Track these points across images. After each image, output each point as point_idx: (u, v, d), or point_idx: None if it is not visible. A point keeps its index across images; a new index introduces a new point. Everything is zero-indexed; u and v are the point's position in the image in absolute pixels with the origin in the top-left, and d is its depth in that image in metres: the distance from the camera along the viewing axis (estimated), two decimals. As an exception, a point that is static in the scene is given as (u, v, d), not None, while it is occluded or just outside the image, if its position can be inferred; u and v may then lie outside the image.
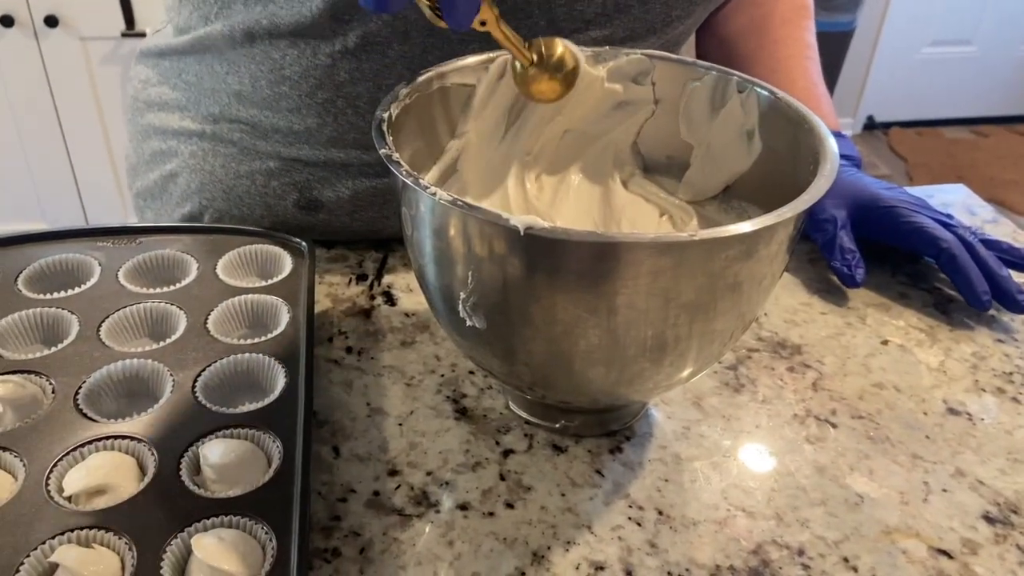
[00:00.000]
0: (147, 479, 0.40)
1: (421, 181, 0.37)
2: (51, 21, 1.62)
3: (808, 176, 0.39)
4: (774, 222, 0.35)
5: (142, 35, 1.64)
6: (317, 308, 0.56)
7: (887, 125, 2.95)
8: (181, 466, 0.40)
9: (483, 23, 0.41)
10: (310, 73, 0.54)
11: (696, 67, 0.48)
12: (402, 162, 0.38)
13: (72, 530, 0.37)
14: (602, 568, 0.40)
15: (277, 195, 0.59)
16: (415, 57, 0.53)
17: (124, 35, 1.65)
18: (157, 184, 0.64)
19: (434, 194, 0.36)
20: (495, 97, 0.49)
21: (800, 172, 0.41)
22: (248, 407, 0.44)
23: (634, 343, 0.39)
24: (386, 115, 0.42)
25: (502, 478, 0.44)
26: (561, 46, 0.46)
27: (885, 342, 0.55)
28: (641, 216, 0.50)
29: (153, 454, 0.41)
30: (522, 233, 0.34)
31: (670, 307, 0.37)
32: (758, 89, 0.45)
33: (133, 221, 0.66)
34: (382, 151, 0.39)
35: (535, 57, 0.45)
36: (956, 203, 0.71)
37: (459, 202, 0.35)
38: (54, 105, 1.71)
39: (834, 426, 0.49)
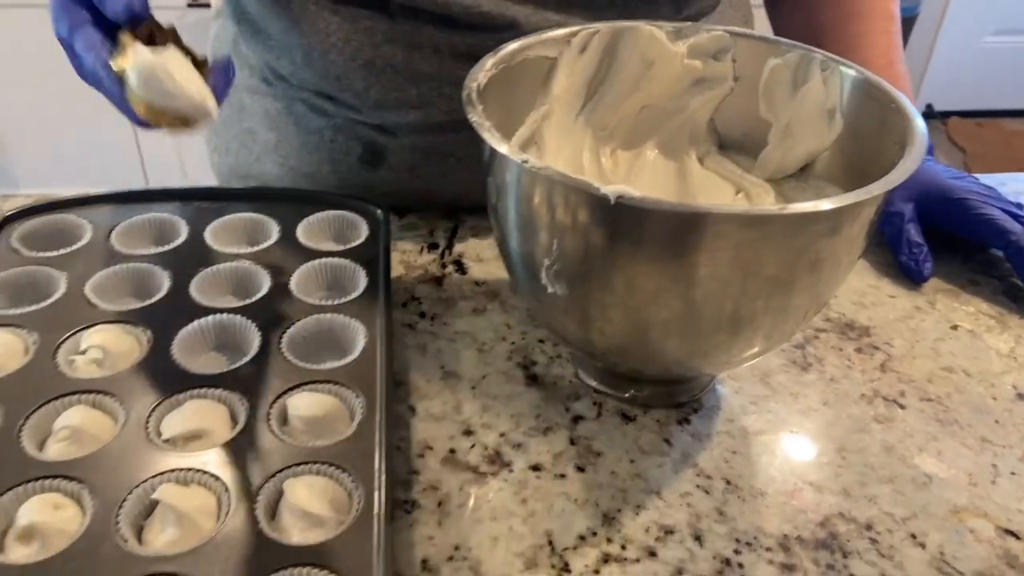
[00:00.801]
0: (239, 426, 0.42)
1: (511, 148, 0.38)
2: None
3: (893, 157, 0.39)
4: (864, 198, 0.35)
5: (207, 6, 1.67)
6: (391, 274, 0.57)
7: (946, 114, 2.88)
8: (270, 416, 0.42)
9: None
10: (351, 38, 0.56)
11: (778, 44, 0.48)
12: (493, 131, 0.39)
13: (172, 471, 0.39)
14: (671, 532, 0.41)
15: (343, 151, 0.62)
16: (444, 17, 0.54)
17: (190, 6, 1.69)
18: (236, 140, 0.67)
19: (525, 161, 0.37)
20: (575, 71, 0.50)
21: (885, 153, 0.41)
22: (332, 364, 0.45)
23: (711, 316, 0.40)
24: (475, 84, 0.43)
25: (572, 443, 0.46)
26: None
27: (955, 327, 0.55)
28: (717, 193, 0.51)
29: (244, 404, 0.43)
30: (612, 202, 0.35)
31: (750, 281, 0.38)
32: (843, 68, 0.46)
33: (202, 181, 0.68)
34: (472, 119, 0.40)
35: None
36: (1029, 192, 0.71)
37: (549, 170, 0.36)
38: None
39: (902, 407, 0.49)
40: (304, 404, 0.43)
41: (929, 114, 2.86)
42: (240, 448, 0.40)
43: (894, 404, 0.49)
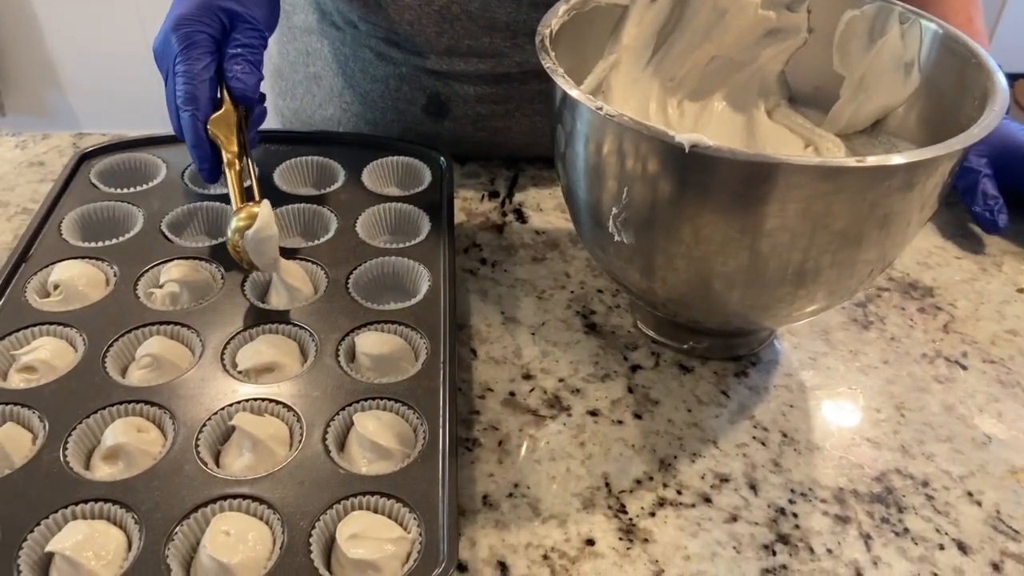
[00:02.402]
0: (309, 361, 0.43)
1: (585, 94, 0.38)
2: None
3: (972, 113, 0.39)
4: (942, 153, 0.35)
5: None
6: (454, 220, 0.58)
7: (1015, 76, 2.76)
8: (340, 352, 0.44)
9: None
10: None
11: (856, -4, 0.47)
12: (566, 76, 0.39)
13: (247, 400, 0.41)
14: (727, 480, 0.42)
15: (407, 100, 0.62)
16: None
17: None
18: (301, 85, 0.67)
19: (600, 108, 0.37)
20: (646, 19, 0.49)
21: (962, 109, 0.41)
22: (397, 305, 0.47)
23: (776, 268, 0.40)
24: (547, 31, 0.43)
25: (630, 391, 0.46)
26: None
27: (1021, 290, 0.54)
28: (785, 146, 0.50)
29: (314, 339, 0.44)
30: (687, 150, 0.35)
31: (819, 234, 0.38)
32: (923, 21, 0.44)
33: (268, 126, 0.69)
34: (546, 64, 0.40)
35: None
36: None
37: (623, 117, 0.37)
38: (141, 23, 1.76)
39: (964, 368, 0.49)
40: (371, 342, 0.44)
41: (998, 76, 2.75)
42: (310, 382, 0.42)
43: (956, 365, 0.49)
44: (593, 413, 0.45)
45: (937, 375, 0.48)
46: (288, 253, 0.49)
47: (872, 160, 0.34)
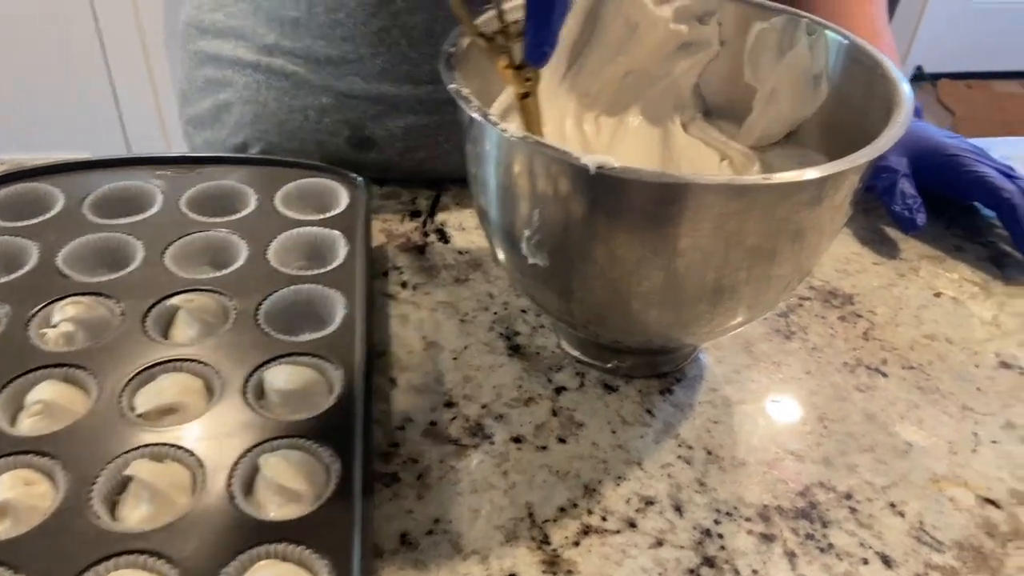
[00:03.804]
0: (215, 401, 0.41)
1: (491, 116, 0.37)
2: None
3: (879, 123, 0.39)
4: (846, 168, 0.35)
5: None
6: (372, 243, 0.56)
7: (936, 76, 2.86)
8: (247, 389, 0.42)
9: (528, 80, 0.40)
10: (366, 0, 0.54)
11: (764, 8, 0.47)
12: (471, 97, 0.38)
13: (146, 446, 0.39)
14: (652, 503, 0.41)
15: (329, 132, 0.59)
16: None
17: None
18: (209, 113, 0.64)
19: (504, 130, 0.36)
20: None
21: (871, 118, 0.41)
22: (310, 336, 0.45)
23: (693, 286, 0.39)
24: (452, 49, 0.41)
25: (554, 414, 0.45)
26: None
27: (938, 294, 0.55)
28: (701, 160, 0.50)
29: (219, 377, 0.42)
30: (592, 172, 0.34)
31: (732, 251, 0.37)
32: (829, 32, 0.45)
33: (183, 150, 0.67)
34: (450, 86, 0.39)
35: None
36: (1018, 155, 0.70)
37: (529, 138, 0.36)
38: (98, 33, 1.71)
39: (884, 375, 0.49)
40: (281, 377, 0.42)
41: (919, 76, 2.84)
42: (215, 422, 0.40)
43: (876, 372, 0.49)
44: (517, 440, 0.44)
45: (858, 384, 0.48)
46: (190, 285, 0.47)
47: (778, 177, 0.34)
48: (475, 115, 0.37)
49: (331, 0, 0.55)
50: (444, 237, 0.58)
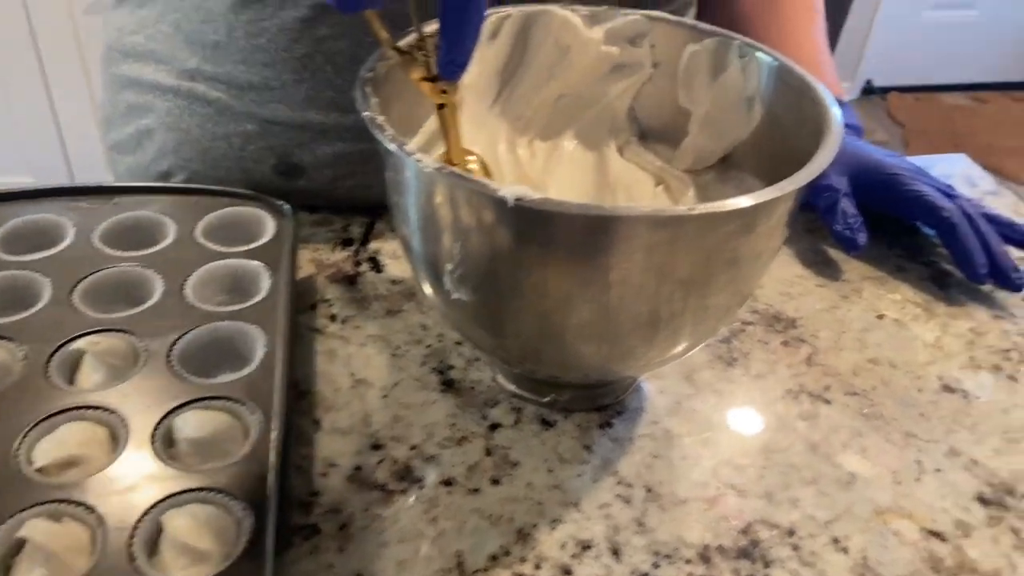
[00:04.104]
0: (120, 452, 0.38)
1: (406, 147, 0.35)
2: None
3: (810, 147, 0.38)
4: (774, 196, 0.33)
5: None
6: (300, 274, 0.54)
7: (886, 90, 2.91)
8: (155, 439, 0.39)
9: (443, 92, 0.38)
10: (289, 25, 0.51)
11: (696, 30, 0.46)
12: (385, 125, 0.36)
13: (42, 503, 0.36)
14: (589, 547, 0.39)
15: (255, 159, 0.57)
16: (405, 14, 0.51)
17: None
18: (132, 139, 0.62)
19: (419, 161, 0.34)
20: (486, 58, 0.47)
21: (802, 142, 0.39)
22: (224, 377, 0.42)
23: (627, 319, 0.38)
24: (370, 75, 0.40)
25: (488, 453, 0.43)
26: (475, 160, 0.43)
27: (881, 316, 0.54)
28: (636, 185, 0.48)
29: (126, 426, 0.40)
30: (511, 204, 0.32)
31: (665, 283, 0.36)
32: (760, 55, 0.43)
33: (109, 179, 0.64)
34: (364, 113, 0.37)
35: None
36: (956, 173, 0.70)
37: (445, 170, 0.34)
38: (37, 53, 1.66)
39: (827, 402, 0.48)
40: (191, 424, 0.40)
41: (869, 90, 2.89)
42: (119, 476, 0.37)
43: (819, 400, 0.48)
44: (447, 483, 0.42)
45: (801, 412, 0.47)
46: (100, 325, 0.44)
47: (703, 208, 0.32)
48: (390, 146, 0.35)
49: (252, 25, 0.52)
50: (377, 266, 0.55)
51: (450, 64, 0.37)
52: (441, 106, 0.39)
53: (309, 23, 0.51)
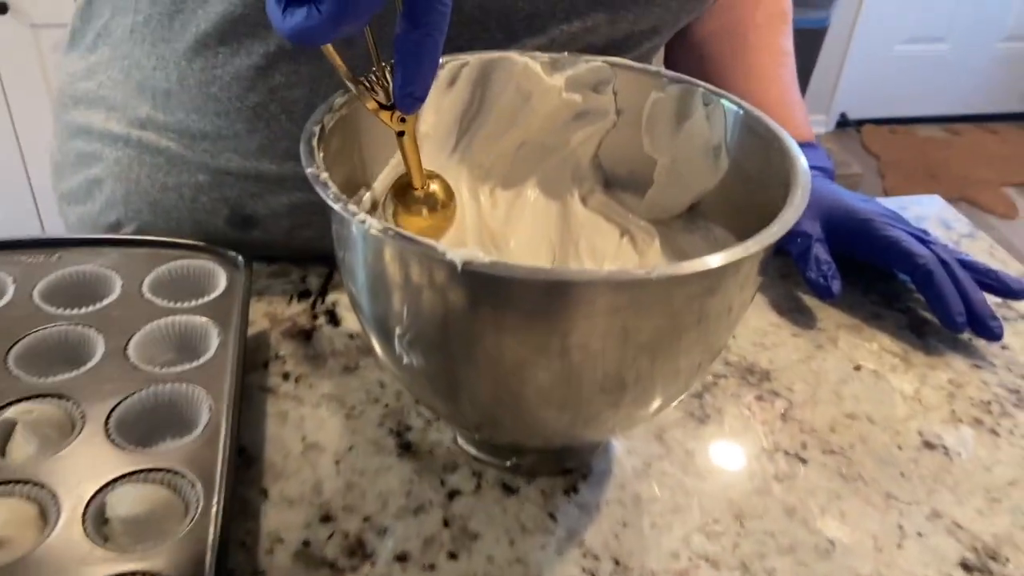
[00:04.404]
0: (47, 533, 0.36)
1: (349, 207, 0.33)
2: (1, 8, 1.55)
3: (779, 197, 0.36)
4: (739, 257, 0.31)
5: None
6: (254, 329, 0.52)
7: (860, 123, 2.94)
8: (86, 517, 0.36)
9: (402, 120, 0.38)
10: (242, 74, 0.50)
11: (660, 76, 0.45)
12: (329, 183, 0.34)
13: (-45, 594, 0.33)
14: (551, 628, 0.37)
15: (207, 211, 0.55)
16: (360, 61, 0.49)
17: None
18: (82, 188, 0.59)
19: (363, 222, 0.32)
20: (444, 105, 0.45)
21: (770, 192, 0.38)
22: (163, 446, 0.40)
23: (589, 384, 0.35)
24: (317, 128, 0.38)
25: (446, 524, 0.41)
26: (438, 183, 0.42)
27: (858, 367, 0.52)
28: (600, 236, 0.47)
29: (57, 503, 0.37)
30: (459, 269, 0.30)
31: (628, 346, 0.34)
32: (725, 102, 0.42)
33: (56, 232, 0.61)
34: (308, 169, 0.35)
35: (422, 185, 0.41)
36: (931, 216, 0.69)
37: (390, 231, 0.32)
38: (4, 97, 1.64)
39: (804, 462, 0.46)
40: (126, 500, 0.37)
41: (844, 122, 2.92)
42: (46, 559, 0.34)
43: (796, 459, 0.46)
44: (401, 558, 0.39)
45: (777, 472, 0.45)
46: (35, 390, 0.42)
47: (661, 271, 0.30)
48: (334, 205, 0.33)
49: (204, 72, 0.50)
50: (334, 319, 0.53)
51: (407, 97, 0.36)
52: (400, 133, 0.38)
53: (263, 71, 0.50)
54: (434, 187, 0.42)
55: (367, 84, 0.38)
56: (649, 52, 0.57)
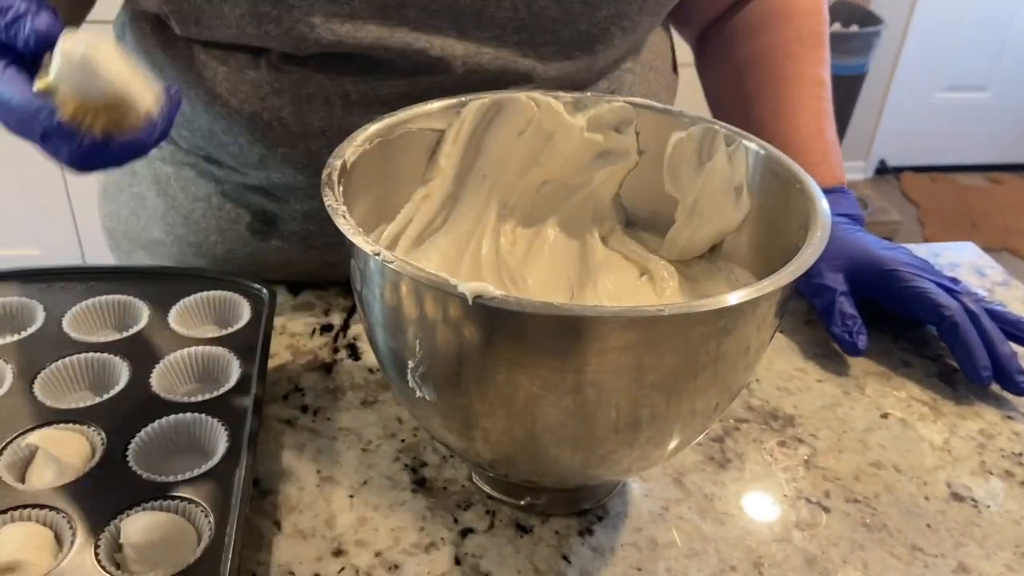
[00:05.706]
0: (61, 559, 0.36)
1: (366, 240, 0.33)
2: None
3: (800, 240, 0.36)
4: (754, 296, 0.31)
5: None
6: (275, 361, 0.52)
7: (899, 170, 2.91)
8: (100, 543, 0.37)
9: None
10: (238, 88, 0.52)
11: (681, 117, 0.45)
12: (347, 216, 0.35)
13: (-32, 616, 0.33)
14: (560, 673, 0.36)
15: (231, 218, 0.58)
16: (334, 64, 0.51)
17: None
18: (126, 206, 0.63)
19: (378, 254, 0.32)
20: (468, 143, 0.46)
21: (792, 235, 0.38)
22: (179, 476, 0.40)
23: (603, 422, 0.35)
24: (339, 162, 0.38)
25: (457, 562, 0.40)
26: None
27: (885, 415, 0.51)
28: (619, 276, 0.46)
29: (72, 528, 0.37)
30: (470, 302, 0.30)
31: (642, 384, 0.34)
32: (746, 143, 0.42)
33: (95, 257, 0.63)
34: (328, 202, 0.36)
35: None
36: (965, 263, 0.67)
37: (407, 266, 0.32)
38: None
39: (827, 510, 0.44)
40: (139, 528, 0.37)
41: (883, 169, 2.89)
42: (56, 585, 0.35)
43: (818, 507, 0.45)
44: (410, 595, 0.39)
45: (799, 520, 0.44)
46: (58, 416, 0.42)
47: (675, 308, 0.30)
48: (353, 238, 0.34)
49: (208, 94, 0.53)
50: (355, 353, 0.53)
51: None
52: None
53: (255, 81, 0.52)
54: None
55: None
56: (628, 51, 0.56)
